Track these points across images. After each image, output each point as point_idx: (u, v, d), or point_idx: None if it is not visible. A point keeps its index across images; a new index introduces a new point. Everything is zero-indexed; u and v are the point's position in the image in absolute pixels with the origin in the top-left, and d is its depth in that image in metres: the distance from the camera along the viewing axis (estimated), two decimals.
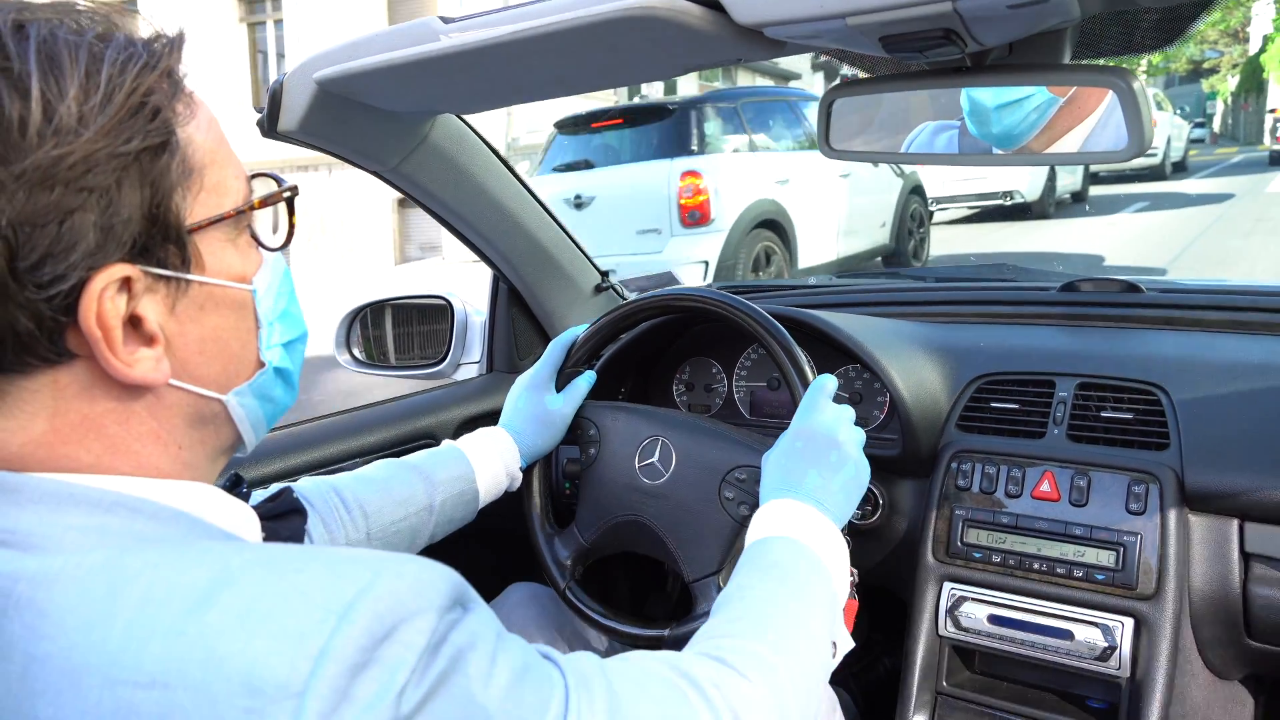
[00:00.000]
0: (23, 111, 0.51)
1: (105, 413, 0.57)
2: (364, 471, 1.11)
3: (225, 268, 0.62)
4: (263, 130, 1.11)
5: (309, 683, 0.47)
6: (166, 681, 0.47)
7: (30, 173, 0.50)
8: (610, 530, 1.23)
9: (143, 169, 0.55)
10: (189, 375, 0.61)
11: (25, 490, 0.54)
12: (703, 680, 0.69)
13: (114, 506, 0.56)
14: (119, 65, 0.55)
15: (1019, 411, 1.31)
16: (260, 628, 0.48)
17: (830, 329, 1.34)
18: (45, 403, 0.55)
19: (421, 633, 0.51)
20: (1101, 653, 1.16)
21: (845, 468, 0.99)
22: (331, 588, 0.50)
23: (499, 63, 0.95)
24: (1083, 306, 1.52)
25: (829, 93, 1.01)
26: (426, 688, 0.50)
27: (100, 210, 0.53)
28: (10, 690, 0.49)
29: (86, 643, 0.48)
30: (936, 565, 1.28)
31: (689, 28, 0.82)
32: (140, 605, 0.49)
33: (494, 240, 1.50)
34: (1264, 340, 1.34)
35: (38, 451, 0.56)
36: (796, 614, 0.82)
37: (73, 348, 0.55)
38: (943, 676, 1.30)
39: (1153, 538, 1.15)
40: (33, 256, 0.51)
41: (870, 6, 0.75)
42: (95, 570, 0.51)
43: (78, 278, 0.53)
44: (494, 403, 1.64)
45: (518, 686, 0.55)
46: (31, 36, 0.52)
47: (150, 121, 0.56)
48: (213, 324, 0.62)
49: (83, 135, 0.52)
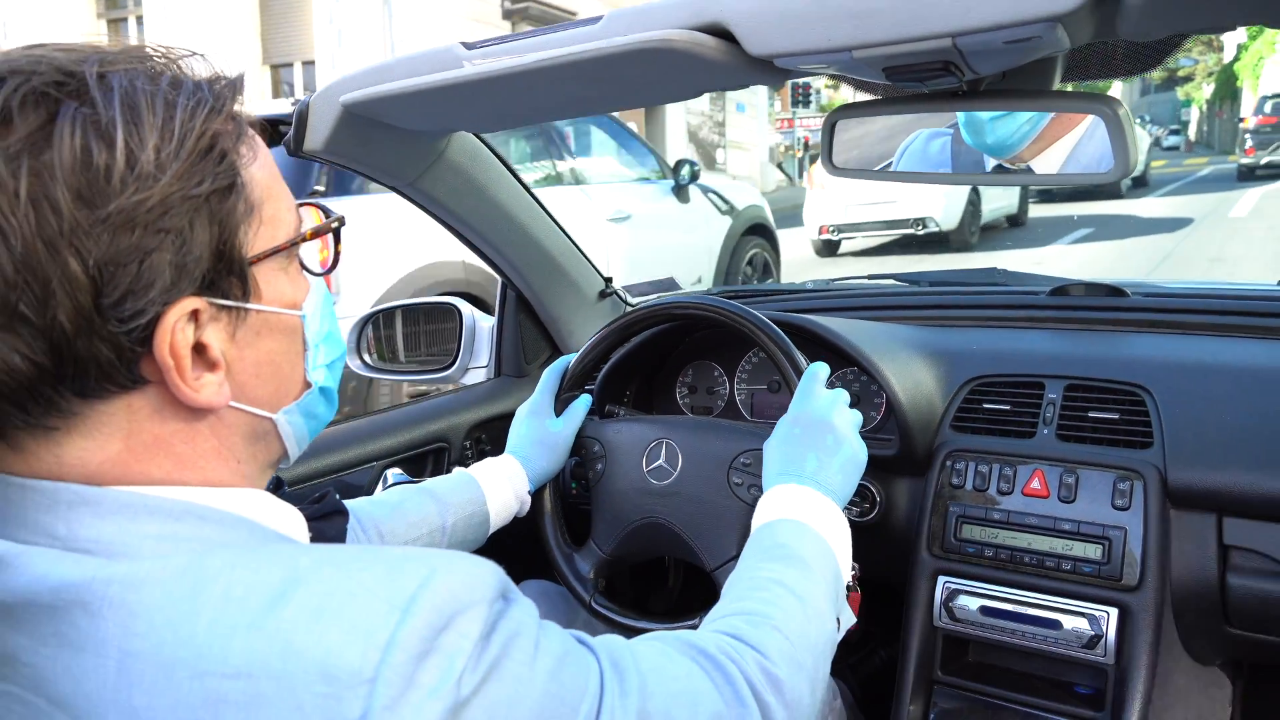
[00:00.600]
0: (109, 160, 0.54)
1: (174, 433, 0.62)
2: (379, 496, 1.17)
3: (279, 295, 0.66)
4: (289, 149, 1.16)
5: (379, 670, 0.52)
6: (250, 672, 0.52)
7: (114, 216, 0.54)
8: (628, 537, 1.28)
9: (212, 209, 0.59)
10: (246, 397, 0.65)
11: (105, 502, 0.59)
12: (719, 655, 0.75)
13: (183, 515, 0.61)
14: (190, 111, 0.59)
15: (1010, 412, 1.37)
16: (332, 621, 0.53)
17: (828, 333, 1.40)
18: (121, 424, 0.60)
19: (476, 622, 0.56)
20: (1089, 641, 1.22)
21: (843, 449, 1.04)
22: (394, 584, 0.55)
23: (521, 88, 1.00)
24: (1070, 310, 1.58)
25: (832, 114, 1.07)
26: (482, 673, 0.55)
27: (175, 249, 0.57)
28: (107, 683, 0.54)
29: (175, 639, 0.53)
30: (932, 560, 1.34)
31: (704, 58, 0.88)
32: (221, 604, 0.54)
33: (504, 250, 1.55)
34: (1243, 343, 1.41)
35: (114, 469, 0.60)
36: (803, 590, 0.87)
37: (146, 374, 0.59)
38: (937, 665, 1.36)
39: (1137, 532, 1.21)
40: (116, 294, 0.55)
41: (875, 41, 0.80)
42: (178, 573, 0.56)
43: (154, 312, 0.57)
44: (502, 406, 1.69)
45: (559, 669, 0.61)
46: (115, 87, 0.56)
47: (218, 164, 0.60)
48: (267, 348, 0.66)
49: (160, 180, 0.56)
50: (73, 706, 0.54)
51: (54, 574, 0.56)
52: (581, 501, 1.38)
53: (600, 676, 0.64)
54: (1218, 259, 8.92)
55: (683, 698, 0.69)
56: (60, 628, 0.55)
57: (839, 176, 1.08)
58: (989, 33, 0.76)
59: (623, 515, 1.28)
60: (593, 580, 1.30)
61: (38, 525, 0.58)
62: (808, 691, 0.80)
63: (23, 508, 0.59)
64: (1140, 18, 0.72)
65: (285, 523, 0.70)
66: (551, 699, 0.59)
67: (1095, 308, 1.57)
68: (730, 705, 0.72)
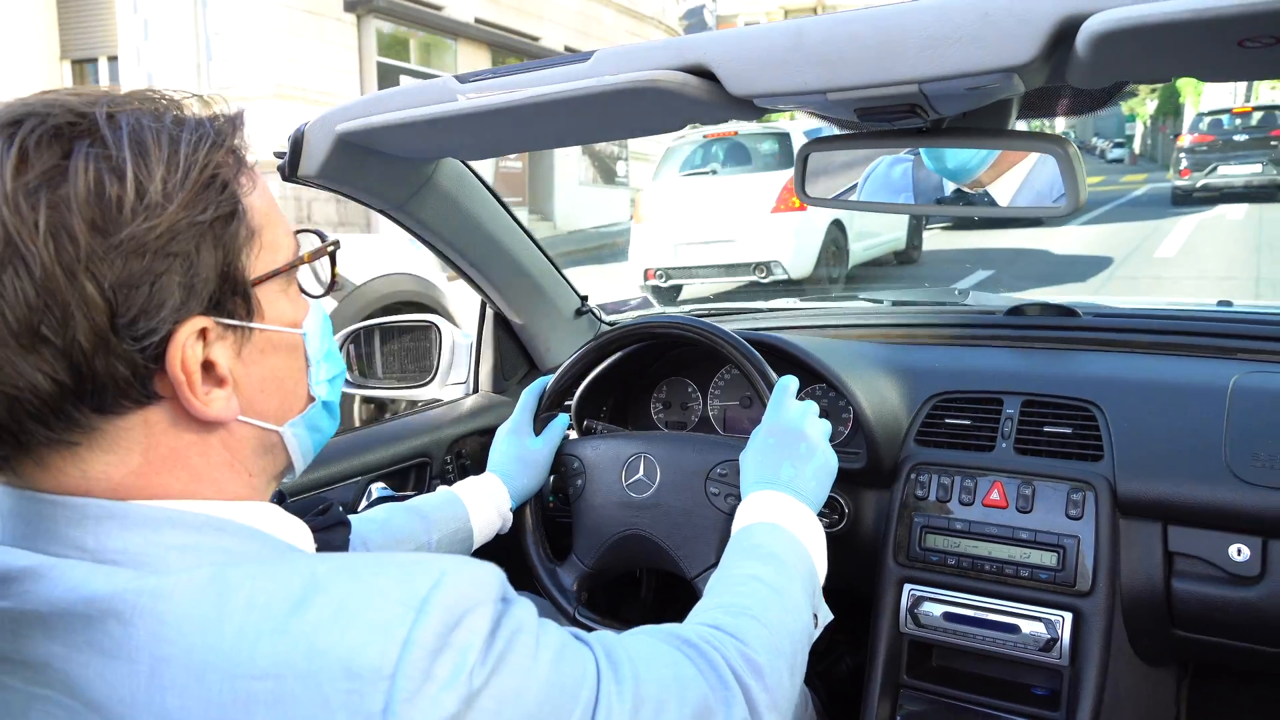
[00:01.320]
0: (120, 192, 0.58)
1: (188, 445, 0.66)
2: (366, 513, 1.20)
3: (280, 315, 0.71)
4: (283, 175, 1.20)
5: (398, 666, 0.56)
6: (278, 673, 0.56)
7: (126, 243, 0.58)
8: (610, 550, 1.33)
9: (216, 235, 0.64)
10: (253, 411, 0.70)
11: (130, 516, 0.63)
12: (702, 643, 0.81)
13: (203, 527, 0.64)
14: (192, 146, 0.63)
15: (971, 427, 1.44)
16: (353, 623, 0.58)
17: (797, 350, 1.46)
18: (138, 439, 0.64)
19: (484, 619, 0.61)
20: (1045, 644, 1.29)
21: (815, 457, 1.11)
22: (407, 586, 0.60)
23: (512, 121, 1.05)
24: (1026, 330, 1.66)
25: (804, 147, 1.13)
26: (491, 665, 0.60)
27: (183, 272, 0.61)
28: (140, 687, 0.57)
29: (204, 644, 0.57)
30: (897, 568, 1.41)
31: (688, 97, 0.93)
32: (246, 610, 0.58)
33: (485, 269, 1.60)
34: (1185, 361, 1.49)
35: (137, 482, 0.64)
36: (779, 584, 0.93)
37: (159, 390, 0.63)
38: (903, 670, 1.42)
39: (1089, 540, 1.28)
40: (130, 314, 0.59)
41: (848, 85, 0.87)
42: (203, 584, 0.60)
43: (166, 330, 0.61)
44: (482, 422, 1.73)
45: (559, 660, 0.66)
46: (123, 126, 0.61)
47: (220, 193, 0.64)
48: (271, 365, 0.71)
49: (168, 209, 0.60)
50: (108, 710, 0.58)
51: (87, 585, 0.59)
52: (562, 515, 1.42)
53: (596, 666, 0.69)
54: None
55: (672, 684, 0.74)
56: (94, 636, 0.58)
57: (812, 205, 1.14)
58: (952, 80, 0.83)
59: (604, 529, 1.33)
60: (575, 593, 1.34)
61: (67, 539, 0.62)
62: (787, 676, 0.86)
63: (53, 522, 0.62)
64: (1087, 69, 0.79)
65: (294, 534, 0.74)
66: (554, 688, 0.64)
67: (1050, 327, 1.66)
68: (715, 689, 0.78)
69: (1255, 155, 14.36)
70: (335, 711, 0.56)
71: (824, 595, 1.09)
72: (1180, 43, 0.72)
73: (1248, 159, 14.38)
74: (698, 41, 0.92)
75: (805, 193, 1.14)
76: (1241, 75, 0.79)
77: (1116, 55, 0.76)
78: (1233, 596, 1.23)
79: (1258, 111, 15.61)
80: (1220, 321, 1.59)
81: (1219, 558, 1.24)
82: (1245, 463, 1.23)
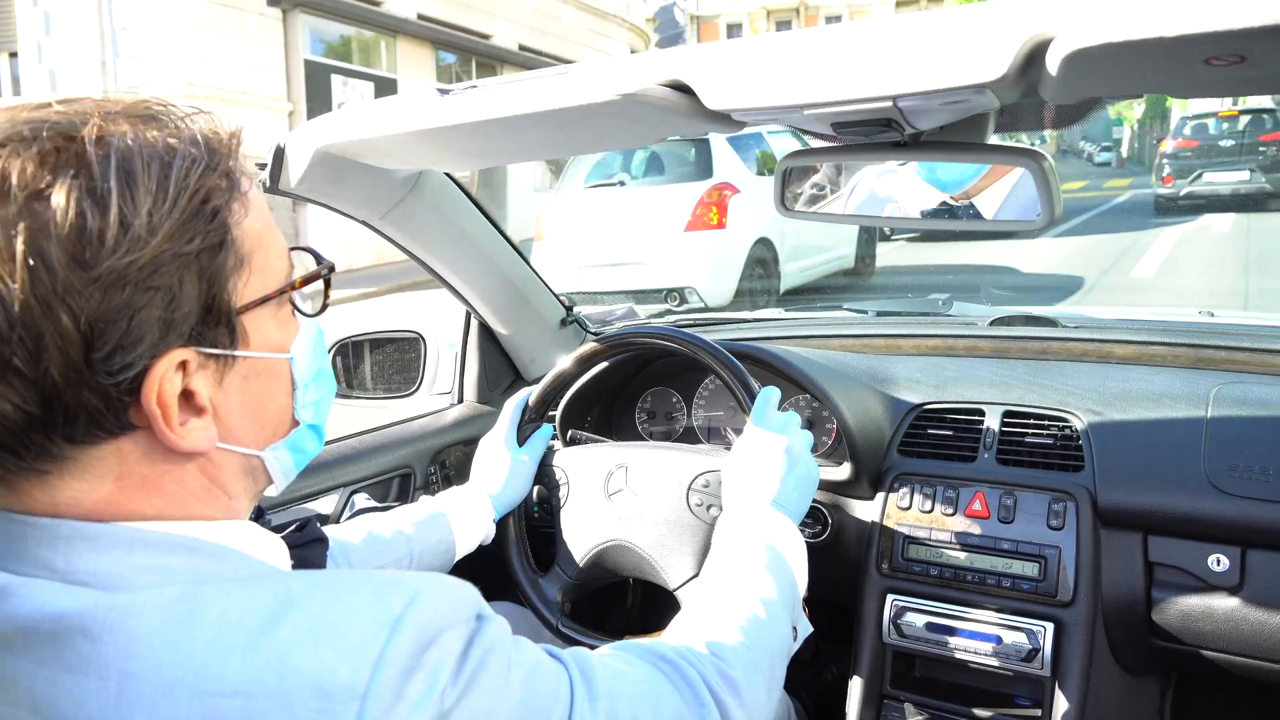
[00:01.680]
0: (102, 224, 0.56)
1: (163, 474, 0.65)
2: (347, 524, 1.20)
3: (266, 341, 0.69)
4: (264, 187, 1.20)
5: (370, 685, 0.56)
6: (248, 690, 0.56)
7: (106, 276, 0.56)
8: (592, 560, 1.33)
9: (201, 266, 0.61)
10: (233, 438, 0.68)
11: (102, 538, 0.62)
12: (677, 659, 0.81)
13: (175, 548, 0.64)
14: (184, 171, 0.60)
15: (953, 438, 1.45)
16: (325, 641, 0.58)
17: (781, 361, 1.47)
18: (111, 467, 0.62)
19: (457, 639, 0.61)
20: (1027, 654, 1.29)
21: (797, 468, 1.11)
22: (381, 605, 0.60)
23: (493, 133, 1.05)
24: (1008, 341, 1.67)
25: (784, 160, 1.14)
26: (463, 685, 0.60)
27: (164, 306, 0.59)
28: (109, 704, 0.57)
29: (173, 660, 0.57)
30: (880, 579, 1.41)
31: (666, 110, 0.94)
32: (217, 627, 0.58)
33: (470, 281, 1.60)
34: (1166, 372, 1.50)
35: (108, 509, 0.63)
36: (759, 598, 0.94)
37: (134, 421, 0.62)
38: (887, 680, 1.42)
39: (1070, 550, 1.29)
40: (105, 349, 0.57)
41: (823, 100, 0.87)
42: (175, 600, 0.59)
43: (142, 365, 0.59)
44: (466, 433, 1.73)
45: (533, 679, 0.66)
46: (111, 151, 0.58)
47: (210, 222, 0.61)
48: (255, 392, 0.69)
49: (152, 241, 0.58)
50: None
51: (55, 604, 0.59)
52: (545, 526, 1.42)
53: (570, 684, 0.70)
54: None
55: (646, 700, 0.75)
56: (61, 653, 0.58)
57: (792, 218, 1.15)
58: (926, 95, 0.83)
59: (586, 539, 1.33)
60: (559, 604, 1.34)
61: (37, 559, 0.61)
62: (764, 692, 0.86)
63: (23, 542, 0.62)
64: (1058, 86, 0.80)
65: (270, 552, 0.74)
66: (527, 706, 0.64)
67: (1031, 338, 1.67)
68: (690, 705, 0.78)
69: (1243, 161, 13.59)
70: None
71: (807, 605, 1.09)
72: (1147, 61, 0.72)
73: (1235, 165, 13.57)
74: (675, 56, 0.92)
75: (785, 206, 1.14)
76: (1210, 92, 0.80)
77: (1086, 73, 0.76)
78: (1213, 606, 1.24)
79: (1245, 115, 14.54)
80: (1201, 333, 1.60)
81: (1198, 568, 1.25)
82: (1224, 473, 1.24)
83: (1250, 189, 13.37)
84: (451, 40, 15.64)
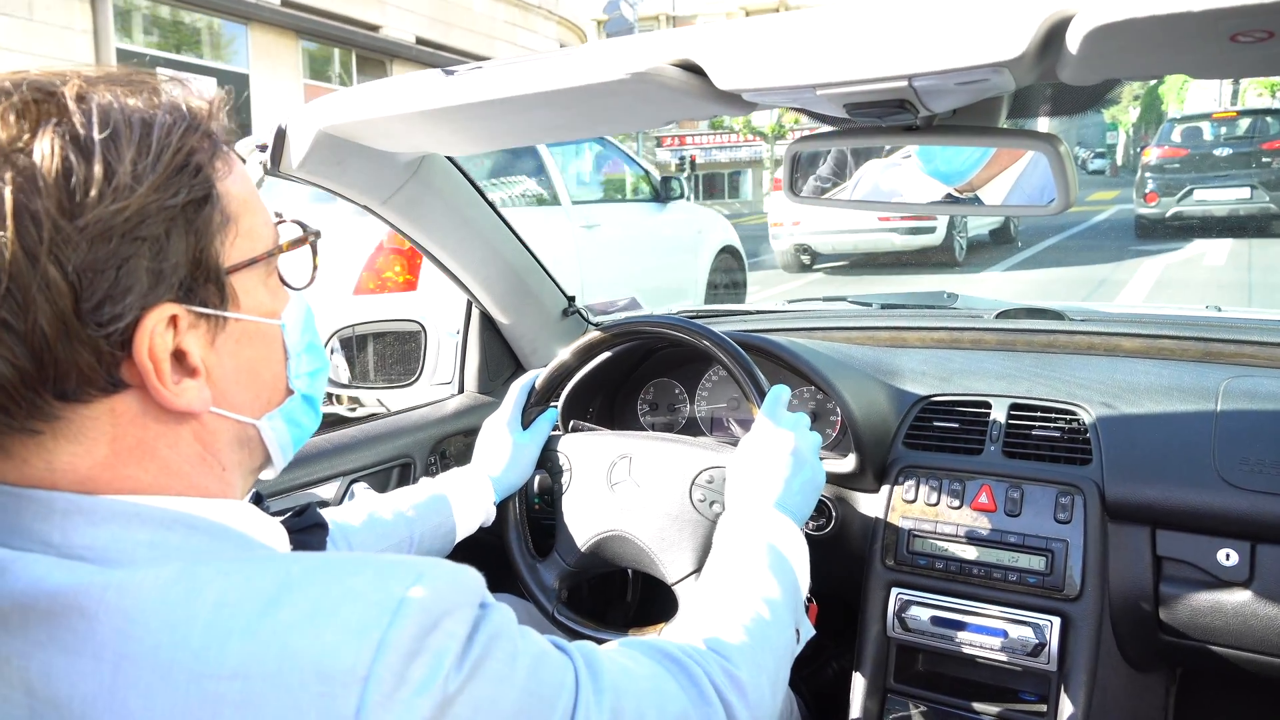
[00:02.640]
0: (87, 173, 0.56)
1: (157, 437, 0.64)
2: (348, 506, 1.19)
3: (257, 305, 0.69)
4: (265, 169, 1.18)
5: (372, 668, 0.55)
6: (247, 673, 0.54)
7: (92, 226, 0.56)
8: (591, 549, 1.32)
9: (188, 219, 0.61)
10: (227, 403, 0.68)
11: (99, 511, 0.61)
12: (683, 657, 0.80)
13: (173, 524, 0.63)
14: (166, 129, 0.61)
15: (959, 430, 1.44)
16: (327, 623, 0.56)
17: (787, 353, 1.45)
18: (105, 429, 0.62)
19: (461, 624, 0.60)
20: (1033, 649, 1.28)
21: (803, 471, 1.10)
22: (384, 588, 0.58)
23: (498, 114, 1.03)
24: (1014, 333, 1.66)
25: (793, 145, 1.12)
26: (467, 671, 0.59)
27: (152, 256, 0.59)
28: (104, 686, 0.55)
29: (171, 642, 0.55)
30: (885, 572, 1.40)
31: (676, 91, 0.92)
32: (216, 609, 0.57)
33: (472, 269, 1.58)
34: (1174, 365, 1.49)
35: (104, 474, 0.62)
36: (763, 598, 0.93)
37: (126, 378, 0.61)
38: (890, 675, 1.41)
39: (1078, 544, 1.27)
40: (94, 299, 0.57)
41: (837, 80, 0.86)
42: (172, 580, 0.58)
43: (133, 316, 0.59)
44: (466, 423, 1.72)
45: (538, 668, 0.65)
46: (93, 106, 0.58)
47: (194, 177, 0.62)
48: (247, 356, 0.69)
49: (137, 191, 0.58)
50: (69, 709, 0.56)
51: (50, 580, 0.57)
52: (546, 518, 1.41)
53: (575, 676, 0.68)
54: None
55: (651, 696, 0.73)
56: (56, 632, 0.56)
57: (800, 204, 1.13)
58: (942, 75, 0.82)
59: (586, 527, 1.32)
60: (556, 591, 1.33)
61: (32, 533, 0.60)
62: (769, 692, 0.85)
63: (18, 516, 0.60)
64: (1078, 65, 0.78)
65: (269, 535, 0.72)
66: (531, 696, 0.63)
67: (1038, 330, 1.65)
68: (695, 704, 0.77)
69: (1241, 175, 10.86)
70: (305, 714, 0.54)
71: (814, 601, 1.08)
72: (1172, 38, 0.71)
73: (1231, 180, 10.86)
74: (686, 35, 0.91)
75: (794, 192, 1.13)
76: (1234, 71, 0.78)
77: (1108, 50, 0.75)
78: (1221, 601, 1.23)
79: (1245, 117, 12.03)
80: (1210, 326, 1.59)
81: (1207, 562, 1.23)
82: (1234, 467, 1.23)
83: (1252, 209, 10.81)
84: (324, 31, 13.09)
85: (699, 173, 31.82)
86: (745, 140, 33.42)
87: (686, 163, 28.73)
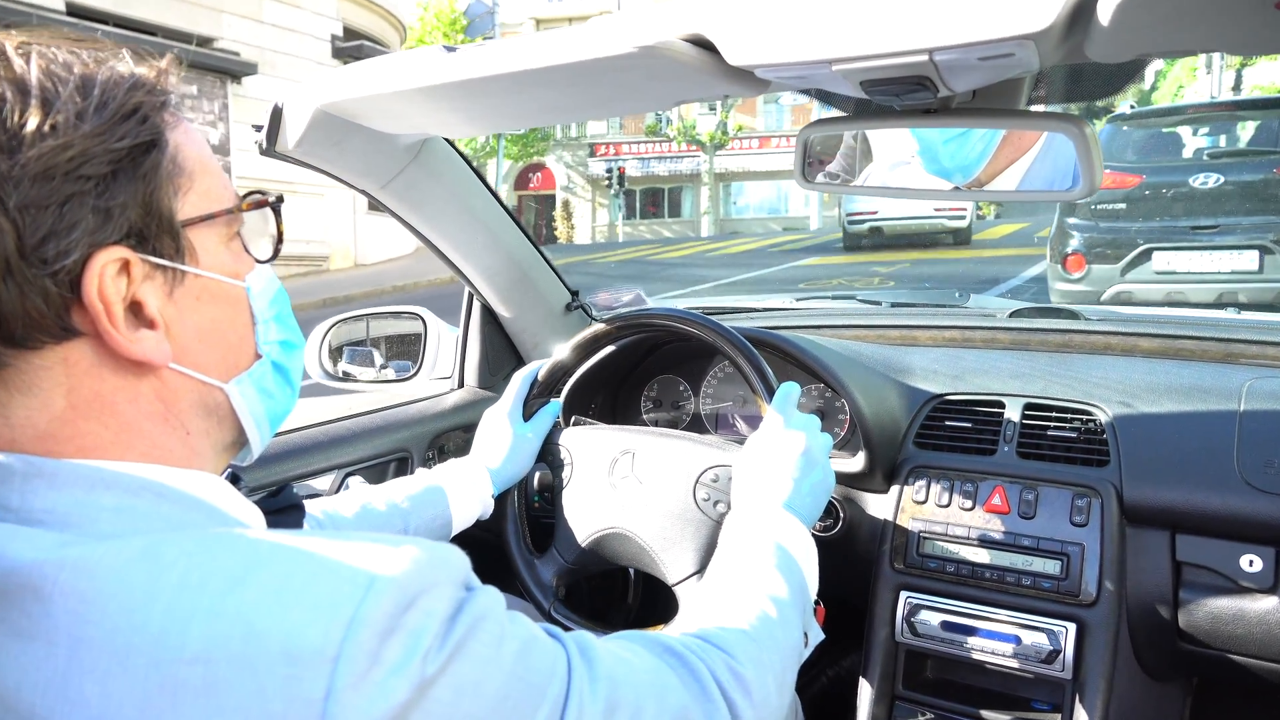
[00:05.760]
0: (25, 111, 0.56)
1: (115, 390, 0.61)
2: (342, 495, 1.16)
3: (219, 264, 0.67)
4: (261, 149, 1.15)
5: (342, 647, 0.51)
6: (209, 657, 0.50)
7: (32, 164, 0.55)
8: (591, 546, 1.28)
9: (134, 161, 0.60)
10: (190, 361, 0.65)
11: (61, 474, 0.58)
12: (686, 653, 0.76)
13: (140, 490, 0.60)
14: (111, 84, 0.60)
15: (972, 430, 1.40)
16: (295, 601, 0.52)
17: (796, 349, 1.41)
18: (59, 379, 0.59)
19: (442, 602, 0.56)
20: (1047, 656, 1.24)
21: (813, 472, 1.06)
22: (358, 563, 0.54)
23: (500, 92, 1.00)
24: (1029, 332, 1.62)
25: (805, 129, 1.08)
26: (448, 652, 0.54)
27: (96, 195, 0.58)
28: (58, 672, 0.52)
29: (129, 625, 0.52)
30: (894, 575, 1.35)
31: (685, 67, 0.89)
32: (178, 590, 0.53)
33: (472, 259, 1.55)
34: (1193, 365, 1.45)
35: (63, 429, 0.60)
36: (769, 597, 0.89)
37: (78, 325, 0.59)
38: (899, 680, 1.36)
39: (1094, 548, 1.23)
40: (37, 235, 0.56)
41: (854, 54, 0.82)
42: (132, 559, 0.54)
43: (79, 254, 0.57)
44: (466, 418, 1.68)
45: (526, 653, 0.60)
46: (34, 55, 0.58)
47: (140, 125, 0.61)
48: (210, 315, 0.66)
49: (79, 130, 0.57)
50: (18, 697, 0.52)
51: (5, 553, 0.54)
52: (545, 515, 1.37)
53: (568, 664, 0.64)
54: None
55: (650, 689, 0.69)
56: (8, 614, 0.53)
57: (811, 190, 1.10)
58: (965, 49, 0.78)
59: (587, 524, 1.28)
60: (553, 588, 1.29)
61: None
62: (775, 692, 0.81)
63: None
64: (1107, 39, 0.74)
65: (242, 512, 0.69)
66: (518, 681, 0.59)
67: (1053, 330, 1.61)
68: (697, 700, 0.73)
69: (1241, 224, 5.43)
70: (270, 699, 0.50)
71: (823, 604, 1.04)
72: (1210, 7, 0.67)
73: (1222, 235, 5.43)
74: (696, 6, 0.87)
75: (805, 178, 1.09)
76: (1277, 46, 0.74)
77: (1141, 22, 0.71)
78: (1244, 609, 1.18)
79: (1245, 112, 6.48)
80: (1231, 327, 1.55)
81: (1230, 568, 1.19)
82: (1259, 469, 1.19)
83: (1261, 288, 5.36)
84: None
85: (637, 188, 29.58)
86: (684, 150, 30.24)
87: (615, 177, 26.73)
